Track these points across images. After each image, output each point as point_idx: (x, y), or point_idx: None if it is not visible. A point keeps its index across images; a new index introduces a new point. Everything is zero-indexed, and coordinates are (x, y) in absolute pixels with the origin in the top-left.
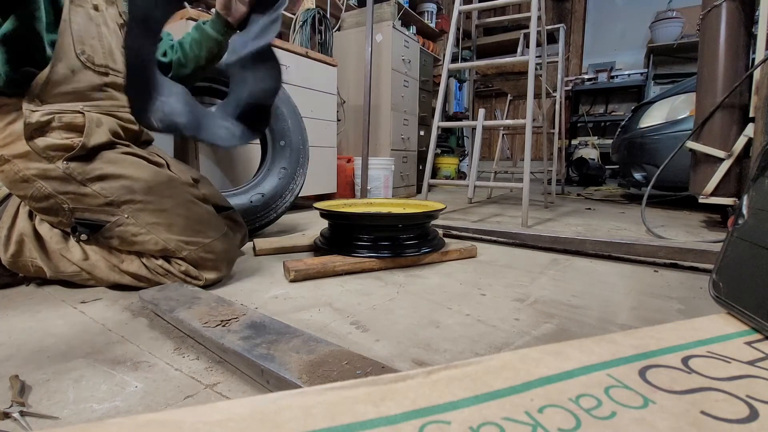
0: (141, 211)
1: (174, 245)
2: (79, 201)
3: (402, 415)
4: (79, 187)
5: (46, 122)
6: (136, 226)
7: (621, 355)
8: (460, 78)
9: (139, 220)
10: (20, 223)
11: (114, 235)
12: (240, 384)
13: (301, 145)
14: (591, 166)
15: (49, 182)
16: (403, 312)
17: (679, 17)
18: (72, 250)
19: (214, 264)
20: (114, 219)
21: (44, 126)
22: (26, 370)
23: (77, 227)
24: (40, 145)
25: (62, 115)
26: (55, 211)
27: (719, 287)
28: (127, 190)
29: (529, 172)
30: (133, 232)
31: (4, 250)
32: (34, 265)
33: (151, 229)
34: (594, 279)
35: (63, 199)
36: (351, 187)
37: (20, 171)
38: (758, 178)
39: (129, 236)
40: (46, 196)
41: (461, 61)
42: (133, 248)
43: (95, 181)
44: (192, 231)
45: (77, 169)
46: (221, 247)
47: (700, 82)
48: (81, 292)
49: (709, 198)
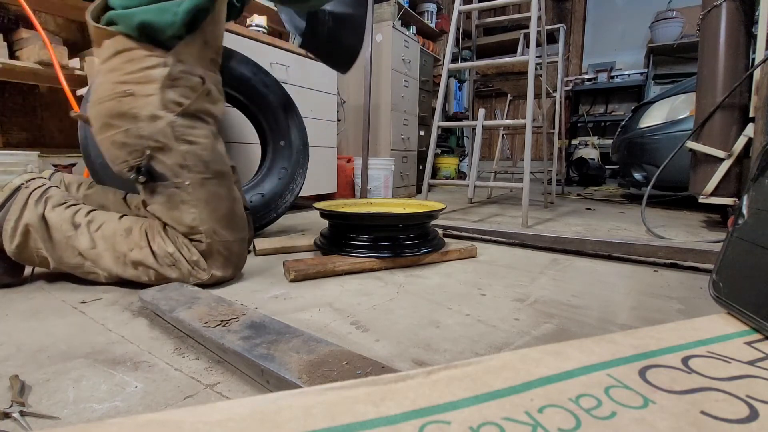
0: (201, 186)
1: (206, 228)
2: (161, 152)
3: (402, 415)
4: (171, 141)
5: (179, 78)
6: (190, 195)
7: (621, 355)
8: (460, 78)
9: (195, 191)
10: (27, 213)
11: (165, 193)
12: (240, 384)
13: (301, 145)
14: (591, 166)
15: (151, 126)
16: (403, 312)
17: (679, 17)
18: (80, 238)
19: (225, 262)
20: (177, 180)
21: (177, 80)
22: (26, 370)
23: (142, 169)
24: (168, 97)
25: (191, 76)
26: (132, 151)
27: (719, 287)
28: (203, 164)
29: (529, 172)
30: (183, 198)
31: (10, 241)
32: (39, 255)
33: (198, 204)
34: (594, 279)
35: (151, 144)
36: (351, 187)
37: (136, 108)
38: (758, 178)
39: (177, 201)
40: (140, 135)
41: (461, 61)
42: (171, 213)
43: (185, 142)
44: (225, 224)
45: (180, 126)
46: (237, 250)
47: (700, 82)
48: (81, 292)
49: (709, 198)
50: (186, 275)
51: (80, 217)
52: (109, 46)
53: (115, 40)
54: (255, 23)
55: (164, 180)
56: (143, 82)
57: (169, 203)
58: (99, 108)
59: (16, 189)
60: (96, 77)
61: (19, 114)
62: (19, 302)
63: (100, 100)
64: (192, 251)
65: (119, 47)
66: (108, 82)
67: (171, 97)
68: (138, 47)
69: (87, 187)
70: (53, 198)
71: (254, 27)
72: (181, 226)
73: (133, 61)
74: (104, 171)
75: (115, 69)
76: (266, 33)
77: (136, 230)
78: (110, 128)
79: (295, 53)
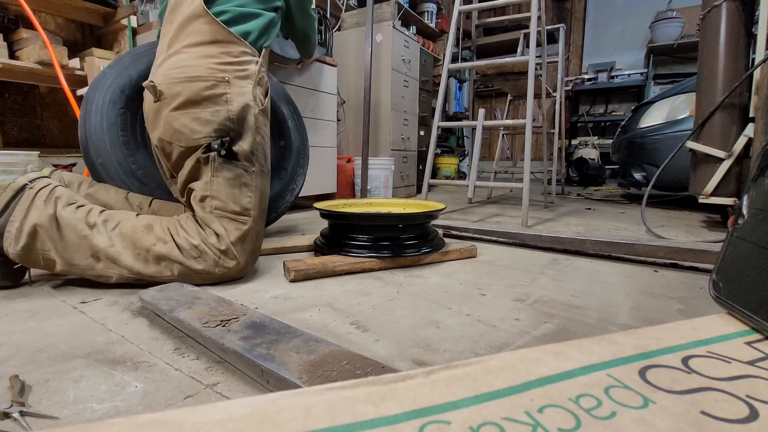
0: (260, 176)
1: (255, 213)
2: (241, 137)
3: (402, 415)
4: (252, 130)
5: (262, 78)
6: (252, 181)
7: (621, 355)
8: (460, 78)
9: (255, 180)
10: (34, 213)
11: (235, 171)
12: (240, 384)
13: (301, 145)
14: (591, 166)
15: (239, 111)
16: (403, 312)
17: (679, 17)
18: (97, 237)
19: (252, 251)
20: (246, 164)
21: (261, 80)
22: (26, 370)
23: (226, 143)
24: (256, 92)
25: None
26: (217, 129)
27: (719, 287)
28: (265, 157)
29: (529, 172)
30: (246, 181)
31: (15, 243)
32: (46, 257)
33: (256, 191)
34: (594, 279)
35: (234, 128)
36: (351, 187)
37: (228, 94)
38: (758, 178)
39: (241, 181)
40: (228, 119)
41: (461, 61)
42: (231, 190)
43: (260, 135)
44: (263, 215)
45: (261, 120)
46: (258, 243)
47: (700, 82)
48: (81, 292)
49: (709, 198)
50: (212, 265)
51: (94, 216)
52: (206, 32)
53: (215, 29)
54: None
55: (237, 160)
56: (240, 75)
57: (234, 181)
58: (190, 86)
59: (20, 189)
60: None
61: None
62: (19, 302)
63: (193, 78)
64: (221, 241)
65: (219, 37)
66: (203, 66)
67: (257, 93)
68: (238, 42)
69: (88, 186)
70: (62, 197)
71: None
72: (236, 204)
73: (231, 54)
74: (104, 171)
75: (211, 56)
76: None
77: (157, 226)
78: (197, 105)
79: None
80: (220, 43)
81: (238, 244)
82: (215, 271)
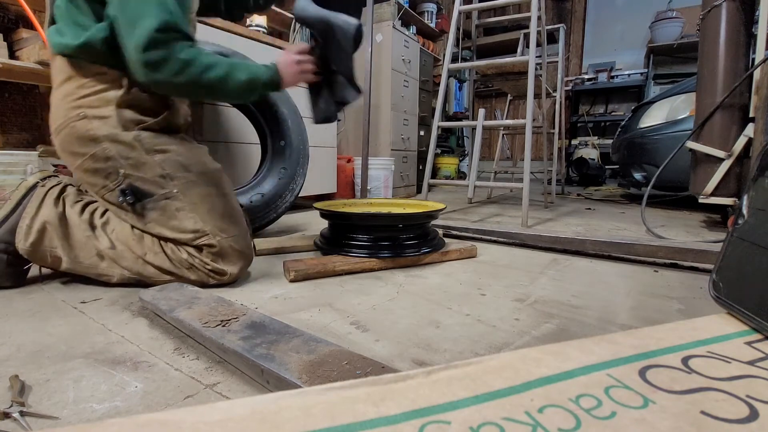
0: (190, 189)
1: (211, 228)
2: (136, 168)
3: (402, 415)
4: (142, 155)
5: (136, 99)
6: (182, 201)
7: (621, 355)
8: (460, 78)
9: (186, 196)
10: (44, 210)
11: (158, 207)
12: (240, 384)
13: (301, 145)
14: (591, 166)
15: (115, 145)
16: (403, 312)
17: (679, 17)
18: (100, 239)
19: (238, 257)
20: (164, 191)
21: (132, 102)
22: (26, 370)
23: (126, 191)
24: (126, 116)
25: (148, 96)
26: (107, 174)
27: (719, 287)
28: (183, 168)
29: (529, 172)
30: (177, 206)
31: (24, 239)
32: (53, 255)
33: (195, 208)
34: (594, 279)
35: (122, 163)
36: (351, 187)
37: (92, 130)
38: (758, 178)
39: (172, 210)
40: (107, 157)
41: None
42: (170, 223)
43: (158, 153)
44: (228, 220)
45: (147, 138)
46: (245, 244)
47: (700, 82)
48: (81, 292)
49: (709, 198)
50: (205, 276)
51: (96, 218)
52: (60, 68)
53: (64, 62)
54: (255, 23)
55: (151, 195)
56: (98, 106)
57: (164, 215)
58: (58, 139)
59: (32, 187)
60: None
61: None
62: (19, 302)
63: (57, 130)
64: (205, 260)
65: (71, 70)
66: (62, 110)
67: (129, 116)
68: (87, 67)
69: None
70: (70, 196)
71: (254, 27)
72: (185, 234)
73: (86, 85)
74: None
75: (68, 94)
76: (266, 33)
77: (147, 237)
78: (77, 157)
79: None
80: (72, 78)
81: (220, 261)
82: (209, 281)
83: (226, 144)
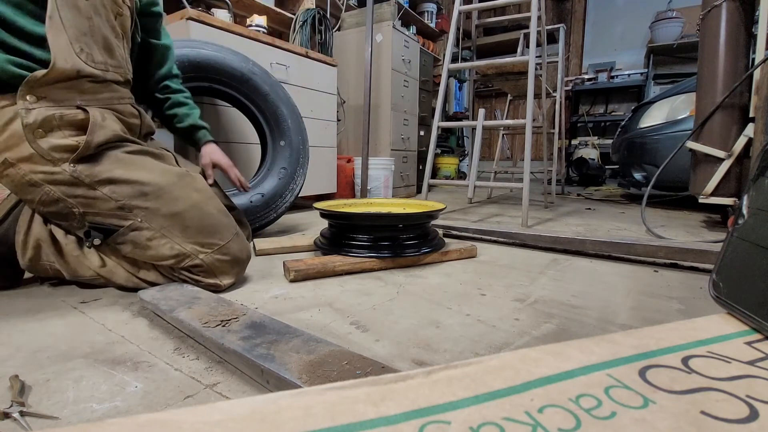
0: (154, 214)
1: (190, 248)
2: (89, 205)
3: (402, 415)
4: (88, 190)
5: (46, 121)
6: (151, 230)
7: (621, 355)
8: (460, 78)
9: (153, 223)
10: (36, 227)
11: (127, 240)
12: (240, 384)
13: (301, 145)
14: (591, 166)
15: (57, 186)
16: (403, 312)
17: (679, 17)
18: (89, 257)
19: (230, 266)
20: (128, 223)
21: (44, 125)
22: (26, 370)
23: (90, 232)
24: (44, 147)
25: (63, 112)
26: (65, 216)
27: (719, 287)
28: (139, 193)
29: (529, 172)
30: (147, 236)
31: (22, 254)
32: (53, 268)
33: (166, 233)
34: (594, 279)
35: (73, 203)
36: (351, 187)
37: (26, 175)
38: (758, 178)
39: (143, 240)
40: (55, 200)
41: (461, 61)
42: (147, 254)
43: (105, 184)
44: (207, 233)
45: (85, 171)
46: (236, 248)
47: (700, 82)
48: (81, 292)
49: (709, 198)
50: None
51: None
52: None
53: None
54: (255, 23)
55: (116, 229)
56: (12, 145)
57: (138, 248)
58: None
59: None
60: None
61: None
62: (19, 302)
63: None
64: (197, 278)
65: None
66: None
67: (51, 144)
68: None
69: None
70: None
71: (254, 27)
72: (166, 260)
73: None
74: None
75: None
76: (266, 33)
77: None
78: (29, 202)
79: (295, 53)
80: None
81: (212, 276)
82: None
83: (226, 144)
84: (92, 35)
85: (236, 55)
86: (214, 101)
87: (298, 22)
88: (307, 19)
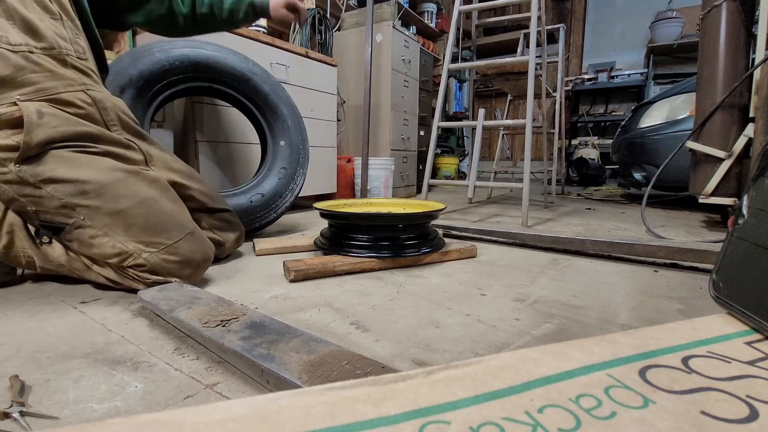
0: (96, 212)
1: (133, 247)
2: (37, 204)
3: (402, 415)
4: (34, 189)
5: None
6: (93, 228)
7: (621, 355)
8: (460, 78)
9: (95, 221)
10: (10, 215)
11: (73, 238)
12: (240, 384)
13: (301, 145)
14: (591, 166)
15: (9, 186)
16: (403, 312)
17: (679, 17)
18: (54, 246)
19: (180, 268)
20: (71, 221)
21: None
22: (26, 370)
23: (40, 229)
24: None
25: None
26: (23, 213)
27: (719, 287)
28: (79, 192)
29: (529, 172)
30: (90, 234)
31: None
32: (26, 255)
33: (108, 231)
34: (594, 279)
35: (24, 201)
36: (351, 187)
37: None
38: (758, 178)
39: (86, 238)
40: (10, 199)
41: (461, 61)
42: (92, 251)
43: (48, 183)
44: (153, 231)
45: (29, 171)
46: (186, 248)
47: (700, 82)
48: (81, 292)
49: (709, 198)
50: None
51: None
52: None
53: None
54: (255, 23)
55: (63, 226)
56: None
57: (83, 245)
58: None
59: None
60: None
61: None
62: (19, 302)
63: None
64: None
65: None
66: None
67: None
68: None
69: None
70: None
71: (254, 27)
72: (110, 259)
73: None
74: None
75: None
76: (266, 33)
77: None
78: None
79: (295, 53)
80: None
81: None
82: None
83: (226, 144)
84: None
85: (236, 55)
86: (214, 101)
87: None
88: (307, 19)
